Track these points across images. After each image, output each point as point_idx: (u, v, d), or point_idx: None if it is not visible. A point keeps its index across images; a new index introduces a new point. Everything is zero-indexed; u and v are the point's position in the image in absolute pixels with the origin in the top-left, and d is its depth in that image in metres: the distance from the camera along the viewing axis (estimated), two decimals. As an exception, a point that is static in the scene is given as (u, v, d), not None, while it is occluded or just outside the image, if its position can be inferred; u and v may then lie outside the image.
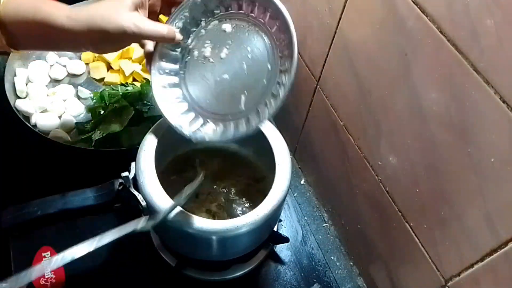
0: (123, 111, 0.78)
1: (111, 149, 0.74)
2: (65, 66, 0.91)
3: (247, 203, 0.67)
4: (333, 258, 0.76)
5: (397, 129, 0.55)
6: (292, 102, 0.83)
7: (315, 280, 0.71)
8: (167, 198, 0.55)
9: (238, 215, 0.64)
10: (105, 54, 0.90)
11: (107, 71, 0.91)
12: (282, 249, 0.74)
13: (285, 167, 0.60)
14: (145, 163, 0.57)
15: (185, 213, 0.54)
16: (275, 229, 0.71)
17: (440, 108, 0.47)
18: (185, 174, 0.69)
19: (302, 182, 0.86)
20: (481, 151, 0.43)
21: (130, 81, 0.89)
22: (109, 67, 0.91)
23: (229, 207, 0.67)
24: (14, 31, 0.52)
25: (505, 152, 0.41)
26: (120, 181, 0.61)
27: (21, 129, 0.76)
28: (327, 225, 0.80)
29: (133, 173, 0.59)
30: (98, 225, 0.60)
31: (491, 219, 0.44)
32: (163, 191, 0.55)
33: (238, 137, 0.52)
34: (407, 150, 0.54)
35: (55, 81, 0.89)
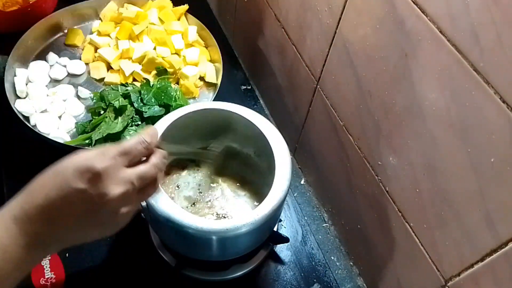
0: (123, 111, 0.78)
1: (111, 149, 0.74)
2: (65, 66, 0.90)
3: (247, 203, 0.67)
4: (333, 258, 0.76)
5: (397, 129, 0.55)
6: (292, 102, 0.83)
7: (315, 280, 0.71)
8: (167, 198, 0.55)
9: (237, 216, 0.64)
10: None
11: (107, 71, 0.91)
12: (282, 249, 0.74)
13: (285, 167, 0.60)
14: (145, 163, 0.57)
15: (185, 213, 0.54)
16: (275, 229, 0.71)
17: (440, 108, 0.47)
18: (184, 173, 0.69)
19: (302, 182, 0.86)
20: (481, 151, 0.43)
21: (130, 81, 0.89)
22: (109, 67, 0.91)
23: (227, 209, 0.67)
24: None
25: (505, 152, 0.41)
26: (120, 181, 0.61)
27: (21, 129, 0.76)
28: (327, 225, 0.80)
29: (133, 173, 0.59)
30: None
31: (491, 219, 0.44)
32: (163, 191, 0.55)
33: None
34: (407, 150, 0.54)
35: (55, 81, 0.89)
